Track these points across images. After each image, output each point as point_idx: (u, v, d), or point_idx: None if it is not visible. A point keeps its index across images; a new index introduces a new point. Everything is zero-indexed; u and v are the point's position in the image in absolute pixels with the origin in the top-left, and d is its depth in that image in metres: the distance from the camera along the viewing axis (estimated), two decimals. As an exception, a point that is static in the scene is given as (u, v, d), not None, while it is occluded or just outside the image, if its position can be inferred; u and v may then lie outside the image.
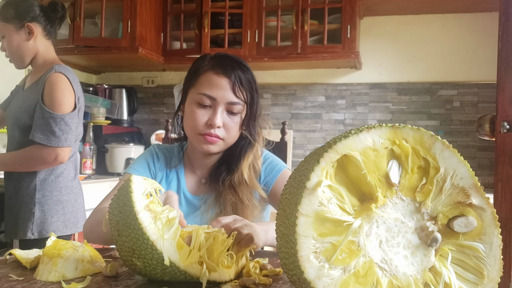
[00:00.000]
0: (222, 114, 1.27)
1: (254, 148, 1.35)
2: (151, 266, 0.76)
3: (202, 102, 1.27)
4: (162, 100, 3.94)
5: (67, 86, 1.93)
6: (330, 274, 0.62)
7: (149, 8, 3.36)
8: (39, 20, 2.01)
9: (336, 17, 3.22)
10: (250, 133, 1.34)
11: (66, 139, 1.92)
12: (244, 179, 1.30)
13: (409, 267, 0.65)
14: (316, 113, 3.61)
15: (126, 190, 0.78)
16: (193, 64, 1.35)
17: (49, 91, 1.91)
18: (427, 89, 3.42)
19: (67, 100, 1.92)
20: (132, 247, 0.75)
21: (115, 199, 0.80)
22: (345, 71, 3.55)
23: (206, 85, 1.27)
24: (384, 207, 0.65)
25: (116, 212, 0.78)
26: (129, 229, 0.75)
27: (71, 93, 1.94)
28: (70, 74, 1.96)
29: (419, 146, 0.66)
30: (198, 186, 1.38)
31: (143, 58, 3.33)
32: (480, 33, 3.29)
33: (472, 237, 0.66)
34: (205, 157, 1.37)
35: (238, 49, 3.34)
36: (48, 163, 1.94)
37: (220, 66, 1.28)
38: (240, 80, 1.27)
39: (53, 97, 1.91)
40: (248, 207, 1.29)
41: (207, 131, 1.26)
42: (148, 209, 0.77)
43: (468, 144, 3.33)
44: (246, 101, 1.29)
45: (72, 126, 1.94)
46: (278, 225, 0.69)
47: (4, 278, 0.83)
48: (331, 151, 0.63)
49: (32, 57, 2.04)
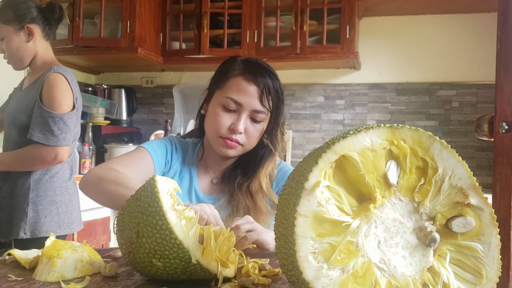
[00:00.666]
0: (245, 120, 1.27)
1: (274, 157, 1.36)
2: (172, 266, 0.76)
3: (227, 106, 1.27)
4: (161, 100, 3.94)
5: (66, 86, 1.94)
6: (329, 274, 0.62)
7: (148, 8, 3.36)
8: (38, 22, 2.02)
9: (335, 18, 3.22)
10: (271, 142, 1.34)
11: (64, 138, 1.92)
12: (261, 186, 1.31)
13: (408, 267, 0.65)
14: (315, 113, 3.61)
15: (151, 190, 0.77)
16: (222, 65, 1.35)
17: (48, 91, 1.92)
18: (426, 90, 3.42)
19: (65, 100, 1.93)
20: (155, 248, 0.75)
21: (132, 200, 0.79)
22: (344, 72, 3.56)
23: (234, 90, 1.27)
24: (383, 207, 0.65)
25: (136, 214, 0.77)
26: (154, 230, 0.74)
27: (69, 93, 1.95)
28: (68, 74, 1.97)
29: (417, 146, 0.66)
30: (210, 186, 1.38)
31: (142, 58, 3.33)
32: (479, 33, 3.29)
33: (471, 237, 0.67)
34: (221, 159, 1.37)
35: (237, 50, 3.34)
36: (48, 163, 1.94)
37: (251, 72, 1.27)
38: (268, 89, 1.27)
39: (52, 97, 1.91)
40: (262, 213, 1.30)
41: (228, 135, 1.27)
42: (173, 208, 0.77)
43: (467, 144, 3.33)
44: (271, 111, 1.29)
45: (70, 125, 1.94)
46: (277, 225, 0.69)
47: (3, 278, 0.83)
48: (329, 151, 0.63)
49: (31, 59, 2.05)
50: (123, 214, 0.80)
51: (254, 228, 1.05)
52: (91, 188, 1.23)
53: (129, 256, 0.80)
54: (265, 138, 1.33)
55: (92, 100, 3.56)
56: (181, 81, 3.85)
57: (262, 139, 1.34)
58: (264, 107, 1.27)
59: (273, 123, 1.32)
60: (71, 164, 2.12)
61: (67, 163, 2.08)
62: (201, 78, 3.76)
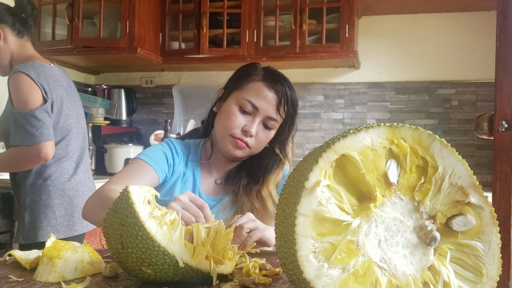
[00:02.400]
0: (258, 125, 1.30)
1: (284, 165, 1.39)
2: (162, 271, 0.76)
3: (244, 107, 1.29)
4: (161, 100, 3.93)
5: (28, 83, 1.87)
6: (329, 273, 0.62)
7: (148, 9, 3.36)
8: (6, 21, 1.98)
9: (334, 17, 3.22)
10: (281, 151, 1.37)
11: (42, 134, 1.86)
12: (271, 192, 1.33)
13: (408, 266, 0.65)
14: (315, 113, 3.61)
15: (125, 202, 0.77)
16: (243, 68, 1.38)
17: (13, 93, 1.89)
18: (426, 88, 3.42)
19: (31, 97, 1.87)
20: (141, 256, 0.75)
21: (111, 213, 0.79)
22: (343, 71, 3.56)
23: (253, 93, 1.29)
24: (383, 206, 0.65)
25: (117, 226, 0.77)
26: (136, 240, 0.74)
27: (34, 89, 1.88)
28: (31, 70, 1.90)
29: (417, 145, 0.66)
30: (213, 187, 1.38)
31: (141, 58, 3.33)
32: (478, 32, 3.29)
33: (471, 235, 0.67)
34: (226, 160, 1.38)
35: (237, 49, 3.34)
36: (34, 161, 1.90)
37: (272, 80, 1.31)
38: (286, 99, 1.31)
39: (16, 97, 1.87)
40: (269, 217, 1.33)
41: (239, 136, 1.29)
42: (152, 216, 0.77)
43: (467, 143, 3.33)
44: (285, 120, 1.33)
45: (45, 120, 1.88)
46: (277, 225, 0.69)
47: (4, 279, 0.83)
48: (329, 151, 0.63)
49: (9, 60, 2.01)
50: (106, 226, 0.80)
51: (257, 226, 1.06)
52: (90, 219, 1.24)
53: (120, 264, 0.80)
54: (276, 147, 1.37)
55: (91, 100, 3.56)
56: (180, 81, 3.85)
57: (273, 147, 1.37)
58: (278, 115, 1.30)
59: (286, 133, 1.35)
60: (69, 163, 2.05)
61: (64, 164, 2.03)
62: (201, 78, 3.77)
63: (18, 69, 1.89)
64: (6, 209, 2.37)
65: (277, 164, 1.37)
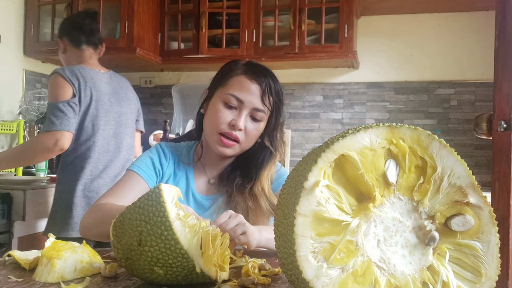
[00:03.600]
0: (246, 118, 1.29)
1: (276, 159, 1.37)
2: (174, 274, 0.76)
3: (229, 102, 1.28)
4: (160, 101, 3.93)
5: (61, 81, 2.09)
6: (329, 273, 0.62)
7: (147, 9, 3.36)
8: (68, 35, 2.27)
9: (333, 17, 3.22)
10: (272, 143, 1.35)
11: (61, 124, 2.02)
12: (264, 189, 1.32)
13: (407, 266, 0.65)
14: (314, 113, 3.61)
15: (155, 200, 0.77)
16: (224, 66, 1.38)
17: (48, 91, 2.14)
18: (424, 88, 3.42)
19: (61, 92, 2.07)
20: (157, 256, 0.75)
21: (133, 208, 0.78)
22: (342, 71, 3.56)
23: (236, 87, 1.29)
24: (382, 206, 0.65)
25: (139, 222, 0.76)
26: (158, 239, 0.74)
27: (64, 85, 2.09)
28: (66, 70, 2.13)
29: (416, 145, 0.66)
30: (207, 187, 1.38)
31: (140, 58, 3.33)
32: (477, 32, 3.29)
33: (470, 235, 0.67)
34: (218, 159, 1.37)
35: (236, 49, 3.34)
36: (49, 149, 2.03)
37: (254, 72, 1.30)
38: (270, 89, 1.30)
39: (48, 93, 2.13)
40: (264, 215, 1.31)
41: (228, 130, 1.28)
42: (178, 218, 0.77)
43: (466, 143, 3.33)
44: (271, 110, 1.31)
45: (67, 112, 2.05)
46: (277, 225, 0.69)
47: (3, 279, 0.83)
48: (328, 151, 0.64)
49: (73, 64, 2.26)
50: (123, 221, 0.79)
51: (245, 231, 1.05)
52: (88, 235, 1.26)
53: (126, 262, 0.80)
54: (266, 139, 1.35)
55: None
56: (179, 81, 3.85)
57: (263, 141, 1.35)
58: (264, 106, 1.29)
59: (273, 124, 1.33)
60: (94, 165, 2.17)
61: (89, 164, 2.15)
62: (200, 78, 3.77)
63: (54, 71, 2.14)
64: (5, 209, 2.38)
65: (268, 158, 1.35)
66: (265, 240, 1.11)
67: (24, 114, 3.19)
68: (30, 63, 3.40)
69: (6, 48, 3.20)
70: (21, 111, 3.19)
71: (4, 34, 3.17)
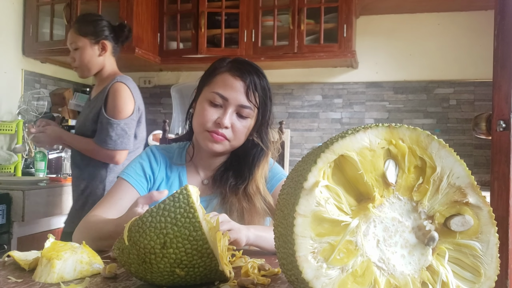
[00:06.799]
0: (231, 115, 1.28)
1: (268, 157, 1.36)
2: (195, 274, 0.77)
3: (214, 101, 1.28)
4: (159, 100, 3.93)
5: (128, 95, 2.12)
6: (328, 274, 0.62)
7: (146, 8, 3.36)
8: (110, 39, 2.23)
9: (332, 17, 3.23)
10: (261, 140, 1.34)
11: (122, 142, 2.08)
12: (258, 188, 1.31)
13: (407, 266, 0.65)
14: (313, 112, 3.61)
15: (183, 201, 0.77)
16: (211, 65, 1.37)
17: (111, 100, 2.10)
18: (424, 88, 3.42)
19: (126, 108, 2.10)
20: (181, 258, 0.75)
21: (156, 211, 0.78)
22: (341, 70, 3.56)
23: (220, 85, 1.29)
24: (381, 206, 0.66)
25: (165, 225, 0.76)
26: (185, 241, 0.75)
27: (131, 101, 2.13)
28: (130, 83, 2.16)
29: (415, 145, 0.66)
30: (201, 188, 1.37)
31: (139, 58, 3.33)
32: (476, 31, 3.30)
33: (469, 235, 0.67)
34: (210, 157, 1.37)
35: (235, 49, 3.34)
36: (105, 160, 2.12)
37: (238, 69, 1.29)
38: (254, 85, 1.29)
39: (114, 105, 2.09)
40: (259, 215, 1.31)
41: (214, 129, 1.28)
42: (204, 218, 0.78)
43: (465, 142, 3.34)
44: (258, 107, 1.30)
45: (128, 131, 2.10)
46: (276, 225, 0.69)
47: (3, 280, 0.83)
48: (328, 151, 0.64)
49: (98, 71, 2.23)
50: (142, 226, 0.78)
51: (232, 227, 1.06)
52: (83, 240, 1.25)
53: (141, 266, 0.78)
54: (255, 136, 1.34)
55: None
56: (178, 81, 3.85)
57: (253, 139, 1.34)
58: (250, 102, 1.28)
59: (261, 120, 1.32)
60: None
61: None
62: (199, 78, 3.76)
63: (121, 80, 2.14)
64: (5, 209, 2.37)
65: (259, 156, 1.34)
66: (254, 237, 1.11)
67: (23, 114, 3.19)
68: (29, 63, 3.39)
69: (5, 48, 3.20)
70: (20, 111, 3.18)
71: (3, 34, 3.17)
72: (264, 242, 1.14)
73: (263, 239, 1.14)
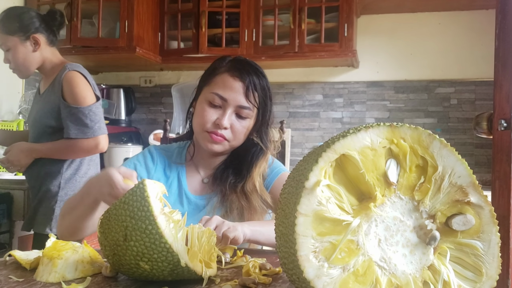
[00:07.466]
0: (230, 116, 1.28)
1: (267, 156, 1.36)
2: (160, 268, 0.76)
3: (213, 102, 1.28)
4: (160, 100, 3.93)
5: (83, 81, 2.01)
6: (330, 273, 0.62)
7: (146, 8, 3.36)
8: (42, 31, 2.07)
9: (333, 16, 3.22)
10: (261, 140, 1.35)
11: (99, 127, 2.01)
12: (255, 186, 1.31)
13: (408, 266, 0.65)
14: (314, 112, 3.61)
15: (140, 195, 0.77)
16: (211, 64, 1.37)
17: (69, 89, 1.98)
18: (425, 87, 3.42)
19: (88, 93, 2.00)
20: (143, 251, 0.75)
21: (119, 204, 0.79)
22: (342, 70, 3.56)
23: (220, 86, 1.29)
24: (383, 206, 0.66)
25: (124, 217, 0.77)
26: (143, 234, 0.75)
27: (88, 86, 2.02)
28: (82, 69, 2.04)
29: (417, 145, 0.66)
30: (201, 186, 1.37)
31: (140, 58, 3.33)
32: (477, 30, 3.29)
33: (471, 235, 0.67)
34: (210, 157, 1.37)
35: (236, 48, 3.34)
36: (91, 152, 2.04)
37: (237, 69, 1.29)
38: (254, 85, 1.28)
39: (74, 93, 1.97)
40: (257, 213, 1.31)
41: (213, 129, 1.28)
42: (163, 212, 0.77)
43: (466, 142, 3.33)
44: (258, 107, 1.30)
45: (100, 115, 2.02)
46: (278, 224, 0.69)
47: (4, 279, 0.84)
48: (329, 150, 0.64)
49: (38, 66, 2.10)
50: (109, 217, 0.80)
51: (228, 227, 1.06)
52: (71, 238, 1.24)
53: (113, 258, 0.80)
54: (254, 136, 1.34)
55: (90, 100, 3.55)
56: (179, 80, 3.85)
57: (252, 138, 1.35)
58: (249, 103, 1.28)
59: (261, 120, 1.33)
60: (96, 162, 2.19)
61: (93, 162, 2.15)
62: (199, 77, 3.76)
63: (72, 68, 2.01)
64: (5, 209, 2.38)
65: (258, 155, 1.34)
66: (251, 232, 1.11)
67: (24, 114, 3.18)
68: (30, 63, 3.39)
69: (6, 48, 3.19)
70: (21, 111, 3.18)
71: (3, 33, 3.16)
72: (261, 236, 1.14)
73: (259, 232, 1.14)
